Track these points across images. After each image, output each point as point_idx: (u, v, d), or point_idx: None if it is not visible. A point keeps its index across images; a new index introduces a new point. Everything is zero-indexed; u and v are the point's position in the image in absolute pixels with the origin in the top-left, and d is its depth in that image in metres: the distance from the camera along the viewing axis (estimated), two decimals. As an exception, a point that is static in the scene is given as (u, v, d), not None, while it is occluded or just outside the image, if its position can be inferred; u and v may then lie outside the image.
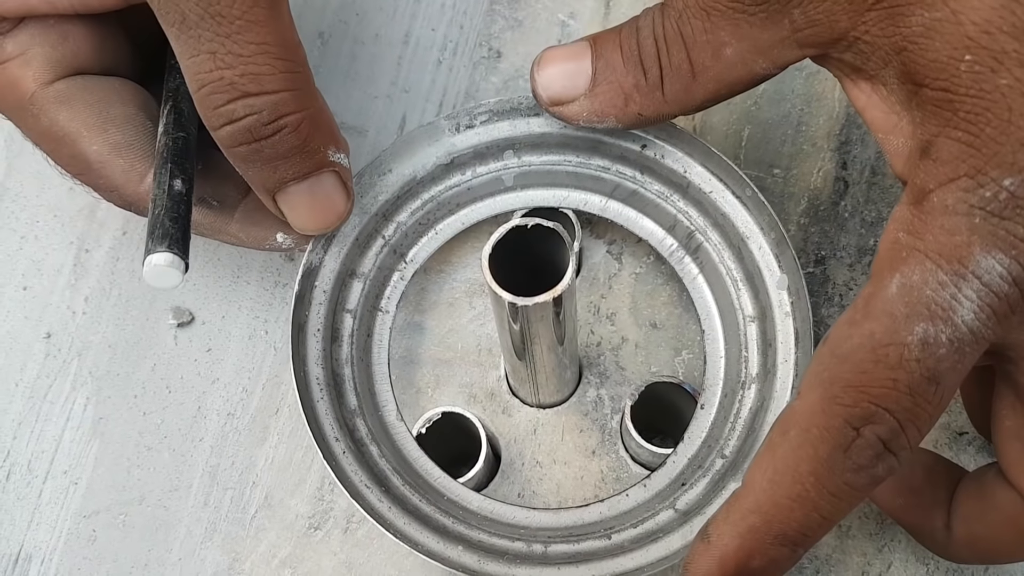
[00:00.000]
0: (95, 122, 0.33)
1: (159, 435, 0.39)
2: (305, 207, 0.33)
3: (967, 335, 0.25)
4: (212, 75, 0.29)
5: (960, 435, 0.38)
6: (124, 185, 0.33)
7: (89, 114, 0.33)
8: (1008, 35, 0.25)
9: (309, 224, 0.33)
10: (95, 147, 0.33)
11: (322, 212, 0.33)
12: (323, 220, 0.33)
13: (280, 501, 0.38)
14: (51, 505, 0.38)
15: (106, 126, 0.33)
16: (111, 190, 0.34)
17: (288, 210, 0.33)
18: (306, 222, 0.33)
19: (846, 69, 0.29)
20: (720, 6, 0.30)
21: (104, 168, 0.33)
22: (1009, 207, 0.25)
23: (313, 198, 0.32)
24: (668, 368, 0.38)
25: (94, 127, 0.33)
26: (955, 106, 0.26)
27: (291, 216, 0.33)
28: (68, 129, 0.33)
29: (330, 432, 0.33)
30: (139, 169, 0.33)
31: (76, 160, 0.33)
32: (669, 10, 0.31)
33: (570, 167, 0.37)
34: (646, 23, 0.32)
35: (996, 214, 0.25)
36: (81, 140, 0.33)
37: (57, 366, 0.40)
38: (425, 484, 0.34)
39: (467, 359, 0.39)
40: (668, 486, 0.34)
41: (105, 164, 0.33)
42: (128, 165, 0.33)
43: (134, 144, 0.33)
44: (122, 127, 0.33)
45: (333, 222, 0.33)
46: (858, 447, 0.25)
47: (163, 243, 0.30)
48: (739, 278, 0.36)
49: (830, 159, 0.42)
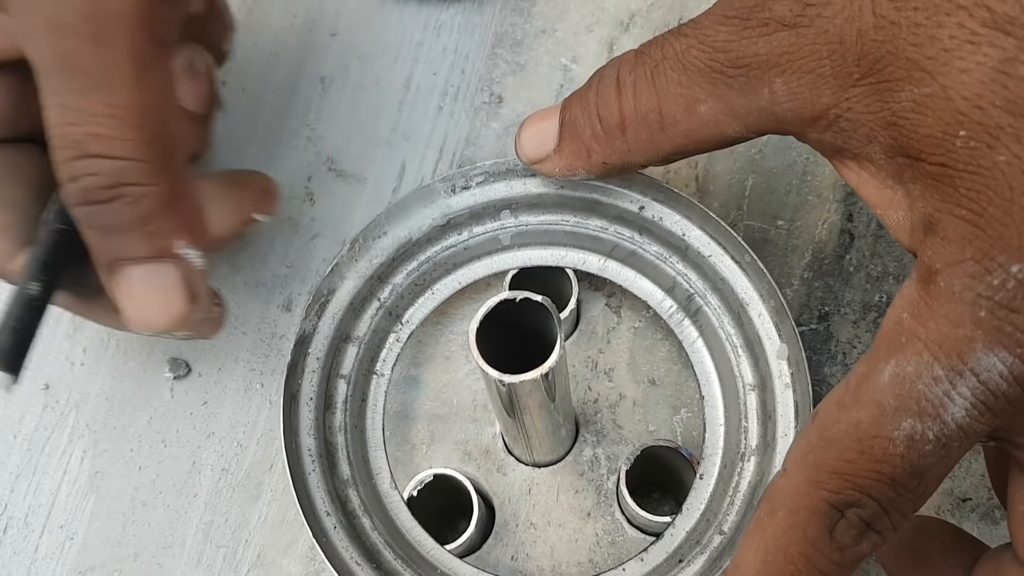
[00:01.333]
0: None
1: (154, 490, 0.39)
2: (136, 294, 0.30)
3: (956, 432, 0.25)
4: (59, 128, 0.28)
5: (963, 501, 0.38)
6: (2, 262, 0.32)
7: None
8: (1001, 110, 0.24)
9: (137, 315, 0.30)
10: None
11: (153, 306, 0.30)
12: (153, 315, 0.30)
13: (272, 560, 0.38)
14: (47, 560, 0.38)
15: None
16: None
17: (117, 292, 0.30)
18: (134, 312, 0.30)
19: (828, 150, 0.29)
20: (699, 63, 0.29)
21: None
22: (1018, 298, 0.24)
23: (146, 287, 0.30)
24: (666, 427, 0.38)
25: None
26: (955, 182, 0.25)
27: (119, 299, 0.30)
28: None
29: (321, 506, 0.33)
30: (10, 251, 0.32)
31: None
32: (646, 58, 0.31)
33: (567, 227, 0.37)
34: (610, 72, 0.32)
35: (1004, 305, 0.24)
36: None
37: (55, 418, 0.40)
38: (418, 556, 0.34)
39: (463, 415, 0.39)
40: (665, 561, 0.33)
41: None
42: (4, 247, 0.32)
43: (11, 227, 0.32)
44: (2, 209, 0.32)
45: (163, 322, 0.30)
46: (842, 528, 0.26)
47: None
48: (739, 344, 0.35)
49: (835, 210, 0.41)
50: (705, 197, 0.42)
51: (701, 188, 0.42)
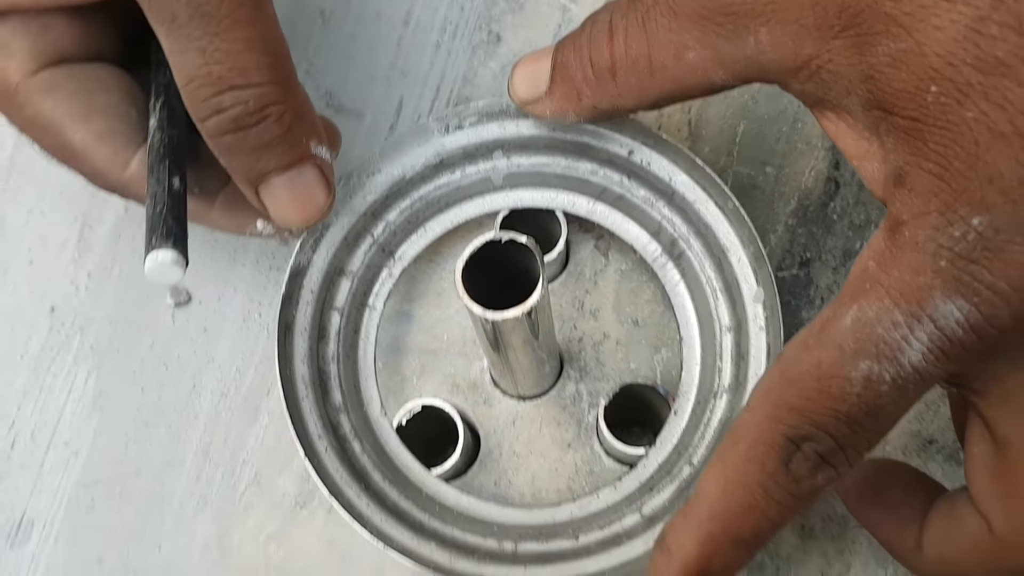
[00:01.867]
0: (79, 111, 0.34)
1: (156, 411, 0.40)
2: (286, 199, 0.33)
3: (912, 375, 0.26)
4: (201, 70, 0.31)
5: (929, 443, 0.39)
6: (108, 171, 0.34)
7: (73, 103, 0.34)
8: (972, 67, 0.25)
9: (289, 216, 0.34)
10: (79, 136, 0.34)
11: (302, 205, 0.34)
12: (303, 213, 0.34)
13: (268, 479, 0.39)
14: (53, 474, 0.40)
15: (89, 115, 0.34)
16: (96, 175, 0.35)
17: (270, 201, 0.34)
18: (286, 214, 0.34)
19: (810, 100, 0.29)
20: (689, 10, 0.30)
21: (88, 156, 0.34)
22: (977, 249, 0.25)
23: (294, 190, 0.33)
24: (647, 366, 0.39)
25: (78, 116, 0.34)
26: (925, 136, 0.26)
27: (272, 208, 0.34)
28: (52, 119, 0.34)
29: (313, 430, 0.34)
30: (123, 156, 0.34)
31: (62, 148, 0.34)
32: (638, 4, 0.32)
33: (558, 169, 0.38)
34: (603, 16, 0.33)
35: (964, 256, 0.25)
36: (65, 129, 0.34)
37: (60, 340, 0.41)
38: (404, 480, 0.35)
39: (452, 349, 0.40)
40: (637, 489, 0.35)
41: (89, 152, 0.34)
42: (111, 153, 0.34)
43: (116, 132, 0.34)
44: (105, 115, 0.34)
45: (313, 216, 0.34)
46: (798, 460, 0.27)
47: (167, 241, 0.31)
48: (718, 288, 0.36)
49: (823, 158, 0.42)
50: (697, 142, 0.42)
51: (693, 133, 0.43)
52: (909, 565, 0.32)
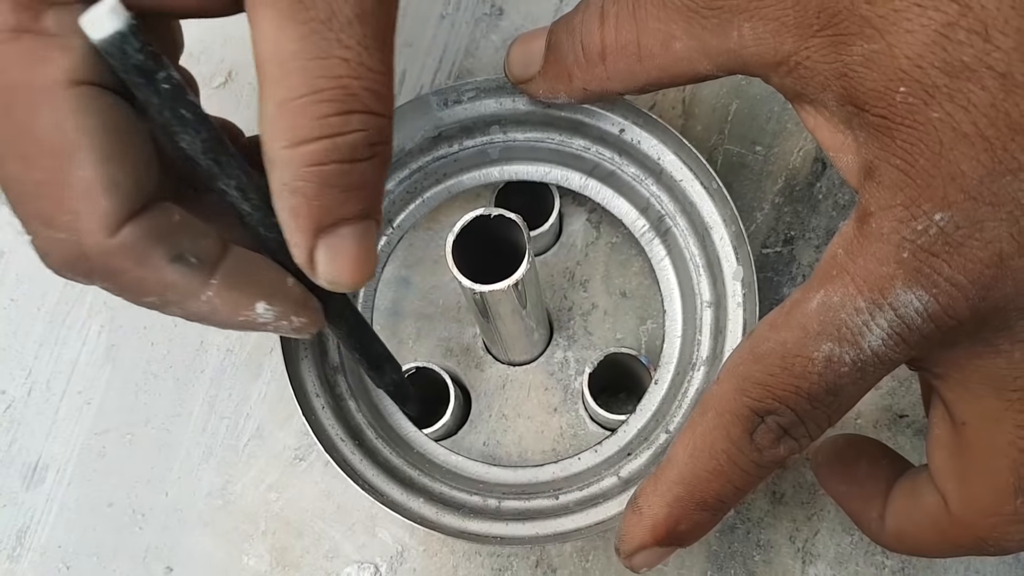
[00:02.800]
0: (103, 149, 0.26)
1: (165, 364, 0.43)
2: (350, 253, 0.28)
3: (871, 358, 0.28)
4: (335, 82, 0.26)
5: (900, 417, 0.41)
6: (93, 231, 0.26)
7: (100, 137, 0.26)
8: (939, 70, 0.26)
9: (345, 274, 0.28)
10: (87, 173, 0.26)
11: (365, 262, 0.28)
12: (362, 272, 0.28)
13: (270, 433, 0.42)
14: (67, 421, 0.42)
15: (111, 157, 0.27)
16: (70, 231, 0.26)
17: (329, 255, 0.28)
18: (342, 271, 0.28)
19: (789, 93, 0.31)
20: (677, 1, 0.31)
21: (82, 201, 0.26)
22: (938, 243, 0.27)
23: (361, 243, 0.28)
24: (632, 336, 0.41)
25: (98, 151, 0.26)
26: (893, 134, 0.27)
27: (329, 263, 0.28)
28: (69, 140, 0.26)
29: (311, 388, 0.36)
30: (121, 217, 0.26)
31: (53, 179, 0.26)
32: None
33: (552, 144, 0.39)
34: (595, 1, 0.34)
35: (925, 249, 0.27)
36: (76, 160, 0.26)
37: (75, 294, 0.43)
38: (398, 437, 0.37)
39: (447, 315, 0.42)
40: (616, 453, 0.37)
41: (86, 198, 0.26)
42: (111, 208, 0.26)
43: (129, 191, 0.27)
44: (123, 165, 0.27)
45: (367, 277, 0.29)
46: (761, 431, 0.29)
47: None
48: (701, 264, 0.38)
49: (811, 139, 0.43)
50: (690, 120, 0.44)
51: (687, 111, 0.44)
52: (872, 536, 0.34)
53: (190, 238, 0.28)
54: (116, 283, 0.28)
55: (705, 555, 0.39)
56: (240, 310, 0.29)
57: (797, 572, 0.39)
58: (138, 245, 0.27)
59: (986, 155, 0.25)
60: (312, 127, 0.26)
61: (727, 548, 0.40)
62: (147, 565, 0.41)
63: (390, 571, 0.40)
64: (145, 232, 0.27)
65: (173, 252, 0.27)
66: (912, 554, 0.35)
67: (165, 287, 0.28)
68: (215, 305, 0.29)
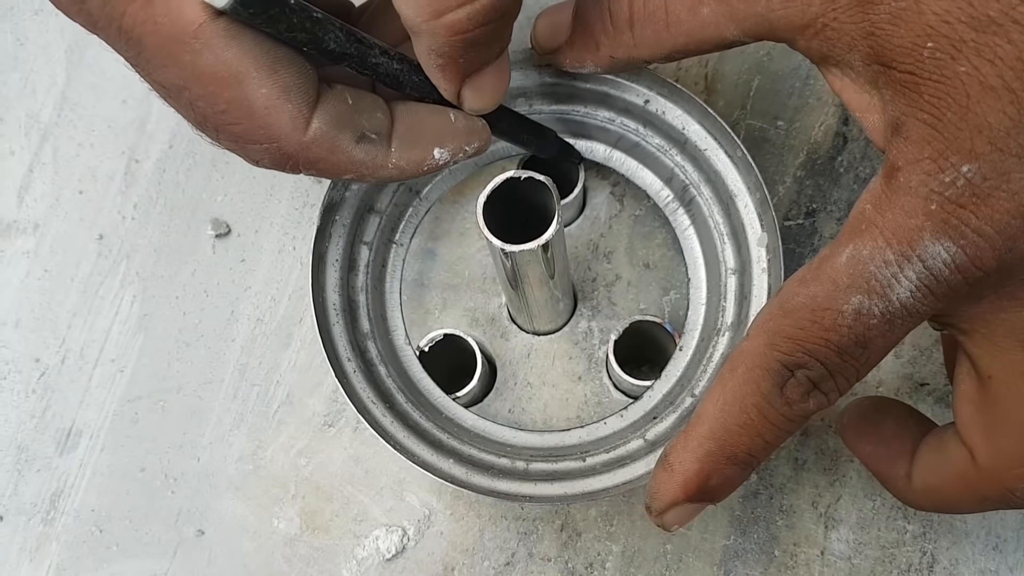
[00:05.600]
0: (265, 61, 0.30)
1: (196, 333, 0.43)
2: (492, 85, 0.33)
3: (900, 310, 0.28)
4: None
5: (921, 386, 0.41)
6: (288, 135, 0.31)
7: (259, 52, 0.30)
8: (966, 25, 0.26)
9: (490, 101, 0.34)
10: (264, 90, 0.30)
11: (502, 89, 0.34)
12: (500, 96, 0.34)
13: (300, 400, 0.42)
14: (99, 388, 0.43)
15: (276, 66, 0.30)
16: (271, 141, 0.31)
17: (475, 92, 0.33)
18: (486, 102, 0.34)
19: (815, 56, 0.31)
20: None
21: (272, 114, 0.30)
22: (966, 194, 0.27)
23: (498, 79, 0.33)
24: (655, 307, 0.42)
25: (264, 67, 0.30)
26: (920, 89, 0.28)
27: (475, 96, 0.33)
28: (235, 68, 0.29)
29: (343, 353, 0.37)
30: (306, 115, 0.31)
31: (240, 104, 0.30)
32: None
33: (577, 116, 0.40)
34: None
35: (953, 201, 0.27)
36: (249, 81, 0.30)
37: (108, 265, 0.44)
38: (426, 402, 0.38)
39: (473, 286, 0.43)
40: (642, 418, 0.38)
41: (273, 109, 0.30)
42: (296, 111, 0.30)
43: (303, 88, 0.30)
44: (290, 68, 0.30)
45: (501, 99, 0.34)
46: (791, 385, 0.30)
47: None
48: (725, 232, 0.39)
49: (833, 114, 0.44)
50: (712, 95, 0.44)
51: (709, 87, 0.45)
52: (899, 494, 0.35)
53: (366, 115, 0.32)
54: (317, 169, 0.32)
55: (728, 519, 0.40)
56: (423, 163, 0.34)
57: (819, 536, 0.40)
58: (328, 135, 0.31)
59: (1013, 107, 0.26)
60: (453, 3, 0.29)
61: (750, 513, 0.40)
62: (179, 528, 0.41)
63: (417, 534, 0.41)
64: (330, 121, 0.31)
65: (356, 134, 0.32)
66: (939, 510, 0.35)
67: (357, 165, 0.32)
68: (401, 167, 0.34)
